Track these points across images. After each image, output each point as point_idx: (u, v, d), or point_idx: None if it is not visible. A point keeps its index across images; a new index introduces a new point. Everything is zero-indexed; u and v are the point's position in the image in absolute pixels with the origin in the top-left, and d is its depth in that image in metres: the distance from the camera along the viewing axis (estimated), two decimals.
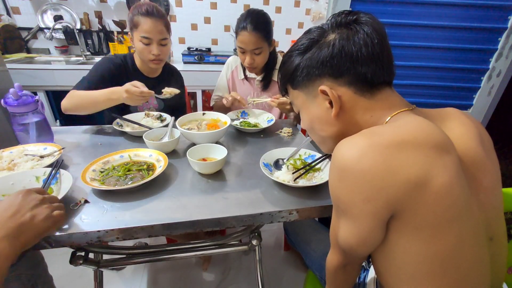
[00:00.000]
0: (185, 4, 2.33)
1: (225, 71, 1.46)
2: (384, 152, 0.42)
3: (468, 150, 0.48)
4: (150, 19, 1.10)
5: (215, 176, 0.82)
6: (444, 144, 0.43)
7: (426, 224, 0.41)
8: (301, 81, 0.55)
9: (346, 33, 0.49)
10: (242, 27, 1.17)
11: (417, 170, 0.40)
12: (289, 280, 1.36)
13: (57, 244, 0.59)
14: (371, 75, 0.49)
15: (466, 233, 0.43)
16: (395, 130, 0.45)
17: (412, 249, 0.43)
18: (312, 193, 0.75)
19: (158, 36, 1.13)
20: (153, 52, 1.14)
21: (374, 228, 0.45)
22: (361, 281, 0.70)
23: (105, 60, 1.19)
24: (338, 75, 0.51)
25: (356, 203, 0.44)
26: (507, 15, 1.36)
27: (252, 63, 1.23)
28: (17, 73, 1.81)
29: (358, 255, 0.51)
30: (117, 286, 1.29)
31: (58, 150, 0.84)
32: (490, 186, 0.49)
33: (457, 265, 0.43)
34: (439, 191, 0.40)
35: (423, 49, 1.43)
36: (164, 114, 1.19)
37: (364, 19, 0.50)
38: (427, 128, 0.44)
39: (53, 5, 2.18)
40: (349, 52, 0.49)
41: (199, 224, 0.65)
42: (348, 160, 0.43)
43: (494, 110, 1.60)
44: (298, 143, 1.07)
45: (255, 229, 0.90)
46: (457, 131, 0.49)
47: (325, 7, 2.46)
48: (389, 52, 0.51)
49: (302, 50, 0.53)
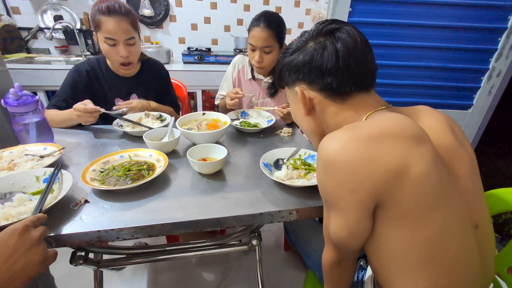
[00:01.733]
0: (185, 4, 2.33)
1: (231, 70, 1.44)
2: (365, 143, 0.45)
3: (442, 140, 0.51)
4: (112, 18, 1.02)
5: (215, 176, 0.82)
6: (419, 135, 0.46)
7: (409, 212, 0.44)
8: (287, 80, 0.61)
9: (319, 45, 0.54)
10: (255, 24, 1.17)
11: (396, 159, 0.43)
12: (289, 280, 1.36)
13: (57, 244, 0.59)
14: (336, 85, 0.53)
15: (450, 220, 0.45)
16: (374, 124, 0.48)
17: (400, 238, 0.45)
18: (312, 193, 0.75)
19: (123, 36, 1.05)
20: (120, 54, 1.07)
21: (361, 218, 0.47)
22: (359, 280, 0.71)
23: (72, 71, 1.15)
24: (310, 81, 0.56)
25: (342, 195, 0.46)
26: (507, 15, 1.36)
27: (260, 61, 1.22)
28: (17, 73, 1.81)
29: (350, 249, 0.53)
30: (117, 286, 1.29)
31: (58, 150, 0.84)
32: (467, 173, 0.51)
33: (444, 252, 0.45)
34: (418, 178, 0.43)
35: (423, 49, 1.43)
36: (164, 114, 1.19)
37: (340, 34, 0.53)
38: (403, 121, 0.48)
39: (53, 5, 2.18)
40: (317, 63, 0.54)
41: (199, 224, 0.65)
42: (332, 153, 0.46)
43: (494, 110, 1.60)
44: (298, 143, 1.07)
45: (255, 229, 0.90)
46: (429, 124, 0.53)
47: (325, 7, 2.45)
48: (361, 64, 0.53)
49: (289, 53, 0.59)
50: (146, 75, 1.26)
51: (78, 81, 1.14)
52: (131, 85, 1.23)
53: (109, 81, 1.20)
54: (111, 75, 1.19)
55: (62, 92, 1.13)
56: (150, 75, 1.27)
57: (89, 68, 1.16)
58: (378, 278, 0.53)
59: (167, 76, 1.36)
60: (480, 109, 1.58)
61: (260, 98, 1.40)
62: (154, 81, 1.27)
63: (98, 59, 1.19)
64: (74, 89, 1.13)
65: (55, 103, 1.11)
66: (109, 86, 1.20)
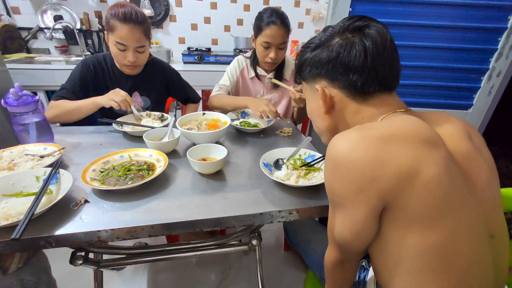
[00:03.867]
0: (185, 4, 2.33)
1: (234, 68, 1.42)
2: (375, 143, 0.44)
3: (458, 147, 0.50)
4: (127, 26, 1.03)
5: (215, 176, 0.82)
6: (432, 139, 0.45)
7: (419, 216, 0.43)
8: (306, 76, 0.60)
9: (346, 41, 0.52)
10: (271, 21, 1.18)
11: (408, 162, 0.42)
12: (289, 280, 1.36)
13: (57, 244, 0.59)
14: (361, 84, 0.51)
15: (462, 227, 0.44)
16: (386, 125, 0.47)
17: (408, 242, 0.44)
18: (312, 193, 0.75)
19: (135, 43, 1.07)
20: (128, 59, 1.09)
21: (367, 220, 0.46)
22: (361, 280, 0.70)
23: (80, 64, 1.16)
24: (333, 78, 0.54)
25: (349, 195, 0.45)
26: (507, 15, 1.36)
27: (276, 57, 1.24)
28: (17, 73, 1.81)
29: (353, 250, 0.52)
30: (117, 286, 1.29)
31: (58, 150, 0.84)
32: (486, 182, 0.50)
33: (454, 260, 0.43)
34: (429, 183, 0.42)
35: (423, 49, 1.43)
36: (164, 114, 1.19)
37: (369, 31, 0.51)
38: (416, 124, 0.47)
39: (53, 5, 2.18)
40: (343, 60, 0.52)
41: (199, 224, 0.65)
42: (341, 152, 0.45)
43: (494, 110, 1.60)
44: (298, 143, 1.07)
45: (255, 229, 0.90)
46: (446, 130, 0.51)
47: (325, 7, 2.45)
48: (389, 64, 0.52)
49: (312, 48, 0.57)
50: (150, 74, 1.28)
51: (87, 74, 1.16)
52: (134, 83, 1.25)
53: (113, 78, 1.21)
54: (116, 72, 1.22)
55: (70, 85, 1.13)
56: (154, 75, 1.29)
57: (96, 63, 1.18)
58: (381, 281, 0.52)
59: (175, 75, 1.38)
60: (480, 109, 1.58)
61: (265, 95, 1.41)
62: (157, 80, 1.29)
63: (105, 56, 1.21)
64: (83, 82, 1.14)
65: (63, 95, 1.11)
66: (113, 82, 1.22)
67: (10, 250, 0.58)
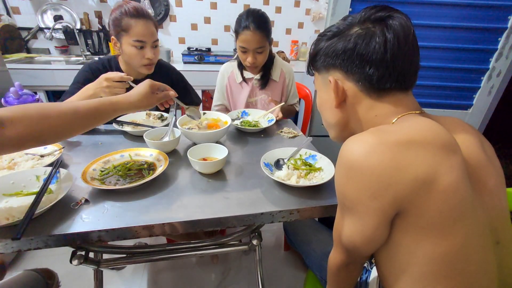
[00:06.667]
0: (185, 4, 2.33)
1: (220, 80, 1.43)
2: (393, 149, 0.42)
3: (472, 154, 0.48)
4: (141, 21, 1.02)
5: (215, 176, 0.82)
6: (451, 145, 0.43)
7: (433, 223, 0.41)
8: (319, 66, 0.57)
9: (366, 32, 0.49)
10: (245, 26, 1.16)
11: (426, 168, 0.41)
12: (289, 280, 1.36)
13: (57, 243, 0.59)
14: (377, 79, 0.49)
15: (472, 235, 0.43)
16: (404, 129, 0.45)
17: (418, 249, 0.43)
18: (312, 193, 0.75)
19: (151, 38, 1.06)
20: (147, 56, 1.07)
21: (379, 226, 0.45)
22: (363, 281, 0.70)
23: (85, 68, 1.14)
24: (348, 70, 0.51)
25: (363, 200, 0.44)
26: (507, 15, 1.36)
27: (254, 62, 1.24)
28: (17, 73, 1.81)
29: (361, 254, 0.51)
30: (117, 286, 1.28)
31: (59, 149, 0.84)
32: (494, 189, 0.49)
33: (464, 268, 0.42)
34: (446, 190, 0.40)
35: (423, 49, 1.43)
36: (165, 114, 1.19)
37: (392, 22, 0.48)
38: (435, 129, 0.45)
39: (53, 5, 2.18)
40: (360, 51, 0.49)
41: (199, 224, 0.65)
42: (356, 157, 0.43)
43: (494, 110, 1.60)
44: (298, 143, 1.07)
45: (256, 229, 0.90)
46: (460, 137, 0.50)
47: (325, 7, 2.46)
48: (409, 61, 0.49)
49: (328, 37, 0.54)
50: (157, 76, 1.27)
51: (92, 78, 1.12)
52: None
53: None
54: None
55: (74, 88, 1.11)
56: (160, 76, 1.28)
57: (101, 67, 1.16)
58: (385, 285, 0.51)
59: (180, 77, 1.37)
60: (480, 109, 1.58)
61: (254, 96, 1.41)
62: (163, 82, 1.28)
63: (110, 60, 1.19)
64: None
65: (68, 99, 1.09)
66: None
67: (10, 249, 0.58)
